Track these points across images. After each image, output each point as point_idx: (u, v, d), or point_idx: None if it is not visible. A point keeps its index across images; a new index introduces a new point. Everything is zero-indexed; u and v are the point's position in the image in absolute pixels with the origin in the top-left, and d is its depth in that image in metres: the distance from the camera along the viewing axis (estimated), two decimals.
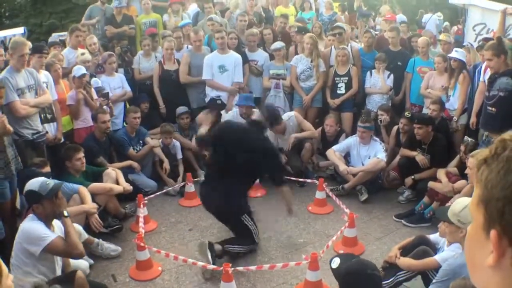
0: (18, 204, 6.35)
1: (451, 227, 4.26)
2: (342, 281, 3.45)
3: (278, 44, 9.56)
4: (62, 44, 9.77)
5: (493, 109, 6.93)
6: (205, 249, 5.89)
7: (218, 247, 6.02)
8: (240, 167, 6.09)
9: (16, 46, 6.55)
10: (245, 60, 9.42)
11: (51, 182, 4.85)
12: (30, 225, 4.62)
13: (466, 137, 7.39)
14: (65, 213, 4.82)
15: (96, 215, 6.16)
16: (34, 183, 4.80)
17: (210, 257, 5.78)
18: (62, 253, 4.56)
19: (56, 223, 4.88)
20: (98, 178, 7.03)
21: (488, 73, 7.37)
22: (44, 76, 7.20)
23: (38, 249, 4.48)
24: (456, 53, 8.24)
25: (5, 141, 5.81)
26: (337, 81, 9.38)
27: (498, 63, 6.75)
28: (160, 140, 8.60)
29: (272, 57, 9.68)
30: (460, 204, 4.21)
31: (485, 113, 7.17)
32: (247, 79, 9.50)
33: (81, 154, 6.79)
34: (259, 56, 9.70)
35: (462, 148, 7.06)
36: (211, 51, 9.67)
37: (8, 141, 5.90)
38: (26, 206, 5.69)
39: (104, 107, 8.17)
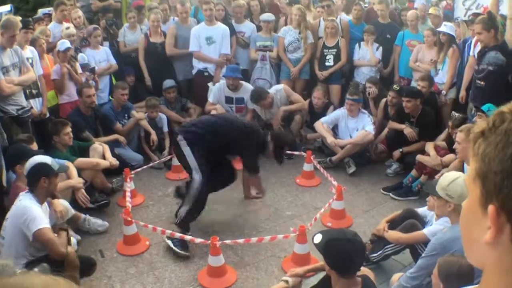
0: (4, 181, 6.29)
1: (439, 201, 4.25)
2: (324, 250, 3.43)
3: (269, 16, 9.47)
4: (49, 18, 9.61)
5: (482, 82, 6.93)
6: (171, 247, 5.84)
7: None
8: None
9: (9, 26, 6.46)
10: (232, 31, 9.32)
11: (55, 162, 4.94)
12: (30, 205, 4.57)
13: (453, 113, 7.37)
14: (64, 226, 4.84)
15: (83, 190, 6.12)
16: (43, 158, 4.87)
17: (177, 250, 5.75)
18: (46, 244, 4.49)
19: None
20: (85, 153, 6.98)
21: (478, 47, 7.34)
22: (29, 51, 7.14)
23: (29, 232, 4.44)
24: (445, 27, 8.19)
25: None
26: (325, 53, 9.33)
27: (488, 37, 6.73)
28: (146, 114, 8.52)
29: (259, 29, 9.60)
30: (448, 178, 4.19)
31: (474, 86, 7.18)
32: (235, 51, 9.42)
33: (68, 129, 6.72)
34: (246, 27, 9.62)
35: (450, 123, 7.04)
36: (198, 23, 9.57)
37: None
38: (12, 183, 5.64)
39: (90, 81, 8.07)
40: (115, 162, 7.00)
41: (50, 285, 1.01)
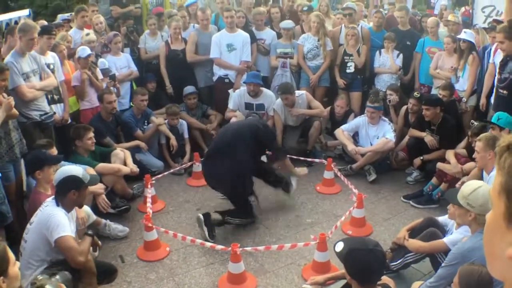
0: (24, 187, 6.35)
1: (460, 209, 4.22)
2: (345, 259, 3.43)
3: (289, 23, 9.48)
4: (68, 23, 9.69)
5: (505, 92, 6.88)
6: (201, 224, 6.06)
7: (216, 216, 6.21)
8: (246, 147, 6.29)
9: (28, 29, 6.50)
10: (253, 39, 9.35)
11: (87, 174, 5.01)
12: (56, 212, 4.58)
13: (472, 121, 7.34)
14: (90, 232, 4.84)
15: (104, 196, 6.17)
16: (75, 170, 4.88)
17: (206, 232, 6.02)
18: (65, 252, 4.50)
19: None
20: (106, 158, 7.03)
21: (498, 55, 7.30)
22: (51, 57, 7.18)
23: (52, 239, 4.45)
24: (465, 34, 8.15)
25: (10, 125, 5.82)
26: (346, 60, 9.32)
27: (509, 46, 6.67)
28: (166, 121, 8.57)
29: (279, 36, 9.61)
30: (470, 187, 4.17)
31: (496, 96, 7.12)
32: (255, 58, 9.44)
33: (91, 134, 6.79)
34: (267, 35, 9.63)
35: (470, 132, 7.00)
36: (218, 30, 9.61)
37: (13, 124, 5.91)
38: (33, 189, 5.68)
39: (111, 88, 8.14)
40: (136, 169, 7.04)
41: None
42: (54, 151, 6.22)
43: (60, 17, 10.79)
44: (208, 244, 5.68)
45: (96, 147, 6.95)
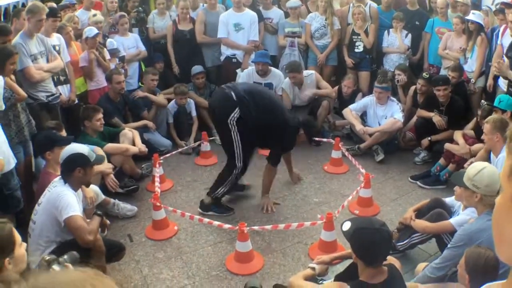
0: (33, 167, 6.38)
1: (466, 191, 4.23)
2: (351, 238, 3.45)
3: (295, 2, 9.41)
4: (74, 6, 9.63)
5: None
6: (205, 213, 6.29)
7: (207, 199, 6.38)
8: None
9: (36, 11, 6.51)
10: (260, 18, 9.31)
11: (93, 152, 5.02)
12: (64, 191, 4.61)
13: (482, 101, 7.31)
14: (99, 212, 4.87)
15: (112, 176, 6.20)
16: (81, 148, 4.89)
17: (216, 215, 6.30)
18: (74, 231, 4.53)
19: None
20: (115, 139, 7.05)
21: (506, 36, 7.27)
22: (56, 39, 7.22)
23: (61, 219, 4.49)
24: (473, 16, 8.09)
25: (19, 107, 5.86)
26: (354, 39, 9.29)
27: None
28: (174, 100, 8.59)
29: (286, 15, 9.56)
30: (475, 169, 4.17)
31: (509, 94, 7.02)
32: (263, 37, 9.41)
33: (100, 115, 6.82)
34: (274, 14, 9.59)
35: (479, 112, 6.98)
36: (226, 9, 9.57)
37: (21, 106, 5.94)
38: (42, 169, 5.71)
39: (120, 69, 8.15)
40: (144, 148, 7.05)
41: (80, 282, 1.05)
42: (63, 133, 6.27)
43: None
44: (216, 223, 5.70)
45: (104, 128, 6.96)
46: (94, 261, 4.57)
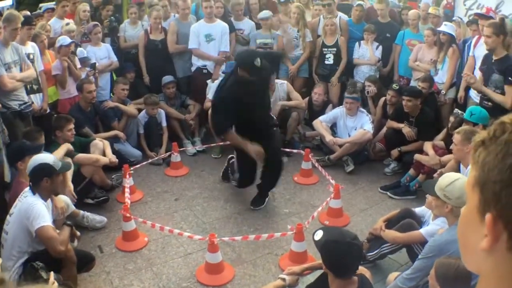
0: (7, 177, 6.30)
1: (437, 201, 4.26)
2: (322, 249, 3.47)
3: (265, 13, 9.43)
4: (51, 12, 9.56)
5: (489, 103, 6.85)
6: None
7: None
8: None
9: (12, 19, 6.52)
10: (232, 29, 9.32)
11: (58, 160, 5.00)
12: (35, 202, 4.60)
13: (456, 110, 7.40)
14: (68, 222, 4.88)
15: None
16: (46, 157, 4.89)
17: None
18: (46, 241, 4.50)
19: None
20: (85, 149, 7.00)
21: (479, 48, 7.39)
22: (31, 47, 7.18)
23: (33, 229, 4.47)
24: (446, 27, 8.20)
25: None
26: (325, 52, 9.35)
27: (495, 42, 6.66)
28: (145, 111, 8.55)
29: (258, 27, 9.59)
30: (447, 179, 4.20)
31: (481, 106, 7.04)
32: (234, 48, 9.42)
33: (72, 125, 6.76)
34: (246, 25, 9.61)
35: (452, 119, 7.06)
36: (198, 20, 9.56)
37: None
38: (14, 179, 5.66)
39: (91, 77, 8.09)
40: (114, 159, 7.01)
41: None
42: (42, 139, 6.27)
43: (44, 6, 10.56)
44: (186, 234, 5.68)
45: (75, 138, 6.89)
46: (65, 272, 4.57)
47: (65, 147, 4.87)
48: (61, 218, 5.20)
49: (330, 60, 9.32)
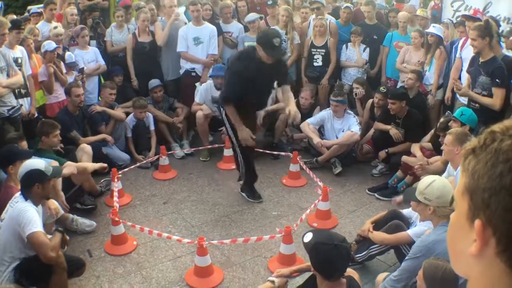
0: None
1: (419, 205, 4.34)
2: (310, 251, 3.49)
3: (252, 16, 9.44)
4: (38, 16, 9.53)
5: (477, 105, 6.90)
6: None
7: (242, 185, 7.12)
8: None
9: (0, 25, 6.47)
10: (220, 31, 9.33)
11: (49, 166, 4.99)
12: (26, 207, 4.59)
13: (448, 112, 7.43)
14: (60, 228, 4.87)
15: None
16: (37, 163, 4.88)
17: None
18: (37, 247, 4.49)
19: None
20: (70, 153, 7.00)
21: (466, 49, 7.44)
22: (19, 51, 7.17)
23: (24, 235, 4.46)
24: (433, 28, 8.25)
25: None
26: (313, 53, 9.37)
27: (481, 44, 6.71)
28: (133, 114, 8.55)
29: (246, 29, 9.60)
30: (425, 182, 4.31)
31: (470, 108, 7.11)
32: (222, 51, 9.42)
33: (57, 131, 6.74)
34: (234, 27, 9.61)
35: (442, 119, 7.08)
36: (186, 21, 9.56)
37: None
38: (3, 183, 5.64)
39: (79, 82, 8.07)
40: (104, 164, 6.98)
41: None
42: (24, 144, 6.25)
43: (32, 10, 10.49)
44: (175, 237, 5.71)
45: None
46: (56, 278, 4.56)
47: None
48: (53, 220, 5.21)
49: (318, 61, 9.35)
